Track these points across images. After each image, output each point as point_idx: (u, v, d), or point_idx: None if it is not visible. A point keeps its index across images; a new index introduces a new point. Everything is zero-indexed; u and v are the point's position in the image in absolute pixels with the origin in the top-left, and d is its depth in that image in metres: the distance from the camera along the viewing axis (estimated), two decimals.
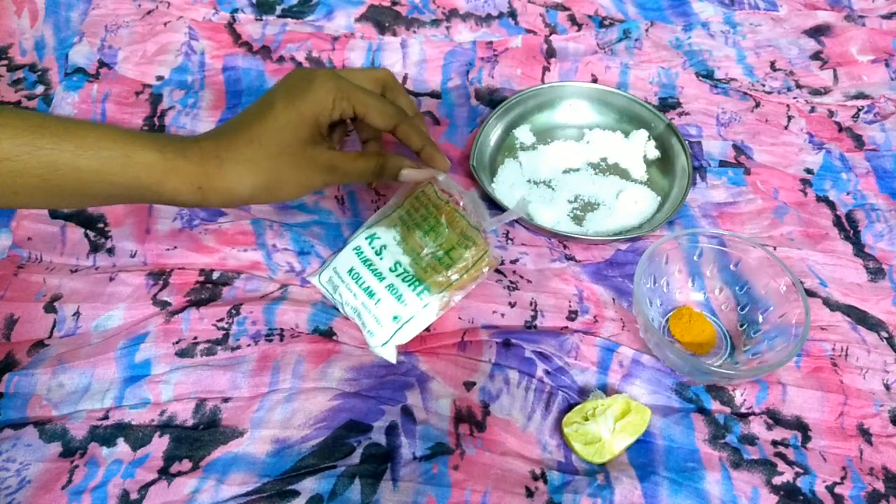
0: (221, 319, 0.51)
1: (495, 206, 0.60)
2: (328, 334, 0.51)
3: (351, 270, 0.52)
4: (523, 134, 0.67)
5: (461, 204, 0.53)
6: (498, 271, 0.56)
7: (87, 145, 0.42)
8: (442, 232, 0.52)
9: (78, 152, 0.42)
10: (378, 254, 0.52)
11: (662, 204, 0.62)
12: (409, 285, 0.50)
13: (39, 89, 0.66)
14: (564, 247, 0.58)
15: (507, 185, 0.63)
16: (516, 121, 0.68)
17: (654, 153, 0.66)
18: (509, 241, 0.57)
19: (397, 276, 0.51)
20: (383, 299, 0.50)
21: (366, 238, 0.53)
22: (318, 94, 0.46)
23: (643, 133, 0.67)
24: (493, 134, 0.66)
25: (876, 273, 0.57)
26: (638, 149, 0.66)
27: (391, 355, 0.50)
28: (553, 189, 0.63)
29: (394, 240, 0.53)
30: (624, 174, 0.65)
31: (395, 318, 0.50)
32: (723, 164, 0.65)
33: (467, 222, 0.52)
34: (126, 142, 0.43)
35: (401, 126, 0.51)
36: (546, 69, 0.72)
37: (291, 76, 0.48)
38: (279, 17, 0.75)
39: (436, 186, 0.54)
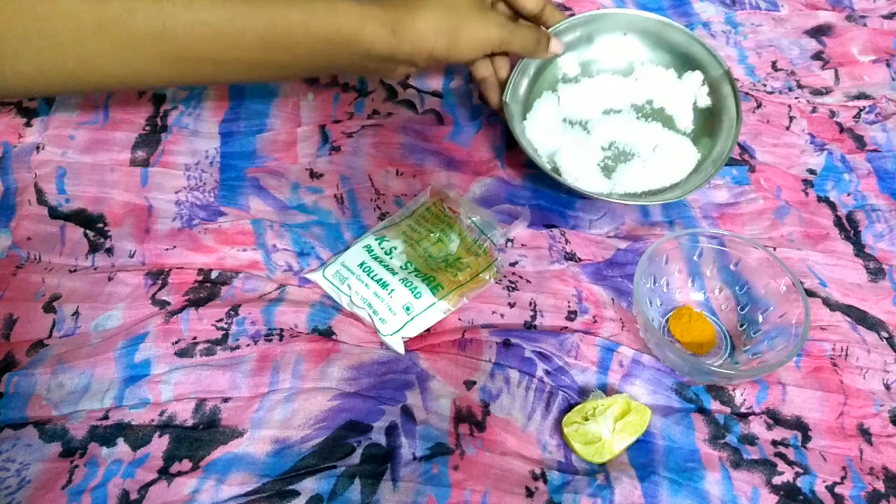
0: (220, 319, 0.51)
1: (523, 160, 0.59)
2: (327, 334, 0.51)
3: (362, 264, 0.53)
4: (567, 64, 0.63)
5: (467, 223, 0.55)
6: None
7: (296, 2, 0.48)
8: (447, 245, 0.54)
9: (289, 5, 0.48)
10: (388, 254, 0.53)
11: (701, 163, 0.58)
12: (422, 280, 0.52)
13: None
14: (566, 241, 0.58)
15: (540, 125, 0.60)
16: (563, 49, 0.61)
17: (704, 101, 0.62)
18: (509, 243, 0.57)
19: (409, 272, 0.53)
20: (397, 290, 0.51)
21: (375, 239, 0.54)
22: None
23: (697, 76, 0.62)
24: (533, 63, 0.61)
25: (876, 273, 0.57)
26: (689, 93, 0.62)
27: (399, 345, 0.50)
28: (588, 132, 0.61)
29: (403, 243, 0.54)
30: (668, 121, 0.62)
31: (407, 309, 0.50)
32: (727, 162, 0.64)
33: (473, 240, 0.55)
34: None
35: (547, 6, 0.59)
36: None
37: None
38: None
39: (444, 204, 0.56)
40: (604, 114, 0.62)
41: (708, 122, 0.61)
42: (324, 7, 0.49)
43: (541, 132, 0.59)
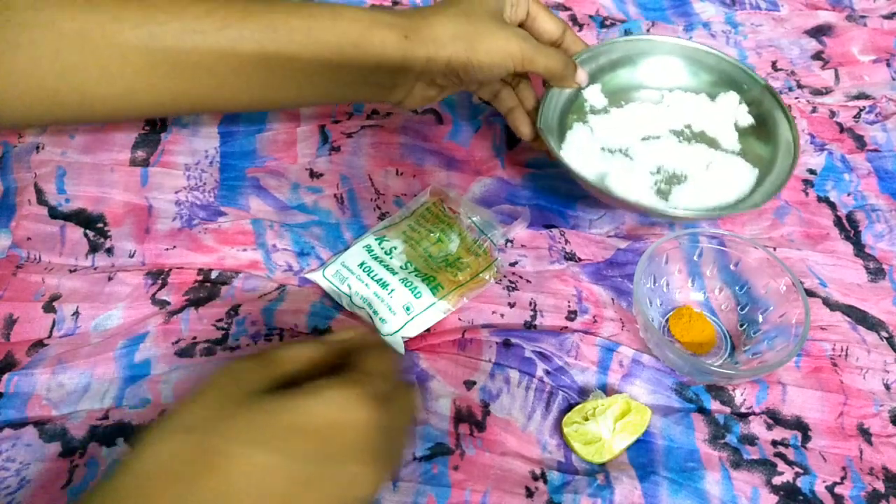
0: (220, 319, 0.51)
1: (567, 179, 0.55)
2: (327, 333, 0.51)
3: (362, 264, 0.53)
4: (593, 95, 0.60)
5: (467, 223, 0.55)
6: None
7: (298, 9, 0.45)
8: (447, 245, 0.54)
9: (291, 11, 0.44)
10: (388, 254, 0.53)
11: (763, 176, 0.55)
12: (422, 280, 0.52)
13: None
14: (566, 241, 0.58)
15: (578, 151, 0.57)
16: (588, 80, 0.59)
17: (746, 120, 0.59)
18: (509, 243, 0.57)
19: (409, 272, 0.52)
20: (397, 290, 0.51)
21: (376, 239, 0.54)
22: None
23: (733, 96, 0.59)
24: (562, 93, 0.58)
25: (876, 273, 0.57)
26: (727, 114, 0.59)
27: (399, 345, 0.50)
28: (631, 158, 0.57)
29: (403, 243, 0.54)
30: (712, 143, 0.59)
31: (407, 308, 0.50)
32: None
33: (473, 240, 0.55)
34: (333, 5, 0.47)
35: (568, 32, 0.56)
36: None
37: None
38: None
39: (444, 204, 0.56)
40: (643, 140, 0.58)
41: (757, 137, 0.59)
42: (328, 12, 0.46)
43: (581, 159, 0.55)
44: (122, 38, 0.41)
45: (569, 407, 0.48)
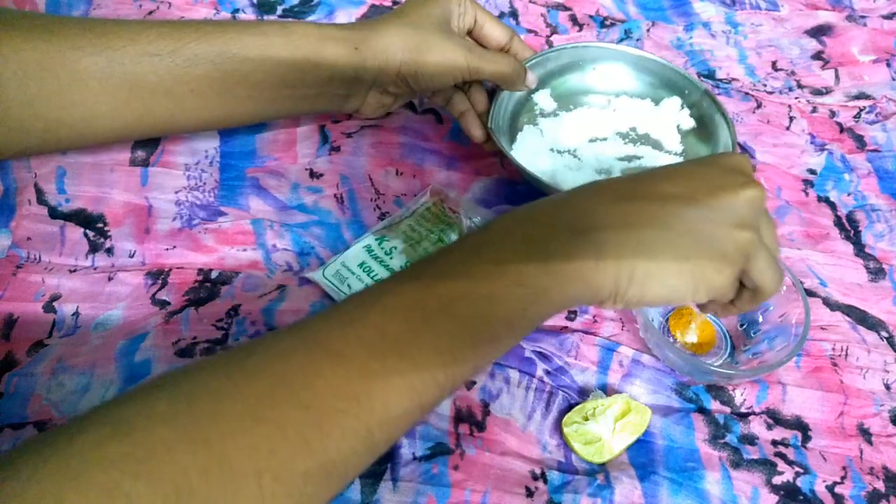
0: (220, 319, 0.51)
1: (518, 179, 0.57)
2: None
3: (362, 264, 0.53)
4: (543, 99, 0.63)
5: (467, 223, 0.55)
6: None
7: (249, 28, 0.46)
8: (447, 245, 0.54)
9: (243, 30, 0.45)
10: (388, 254, 0.53)
11: None
12: None
13: None
14: None
15: (529, 152, 0.59)
16: (537, 84, 0.61)
17: (688, 123, 0.62)
18: None
19: None
20: None
21: (375, 239, 0.54)
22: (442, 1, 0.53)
23: (676, 101, 0.62)
24: (512, 97, 0.61)
25: (876, 273, 0.57)
26: (670, 118, 0.62)
27: None
28: (579, 159, 0.60)
29: (403, 243, 0.54)
30: (656, 145, 0.62)
31: None
32: None
33: None
34: (283, 23, 0.48)
35: (515, 39, 0.57)
36: None
37: None
38: (280, 17, 0.75)
39: (444, 204, 0.56)
40: (590, 142, 0.62)
41: (700, 139, 0.61)
42: (279, 30, 0.47)
43: (531, 158, 0.59)
44: (82, 66, 0.42)
45: (569, 407, 0.48)
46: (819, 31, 0.77)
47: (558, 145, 0.61)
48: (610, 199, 0.36)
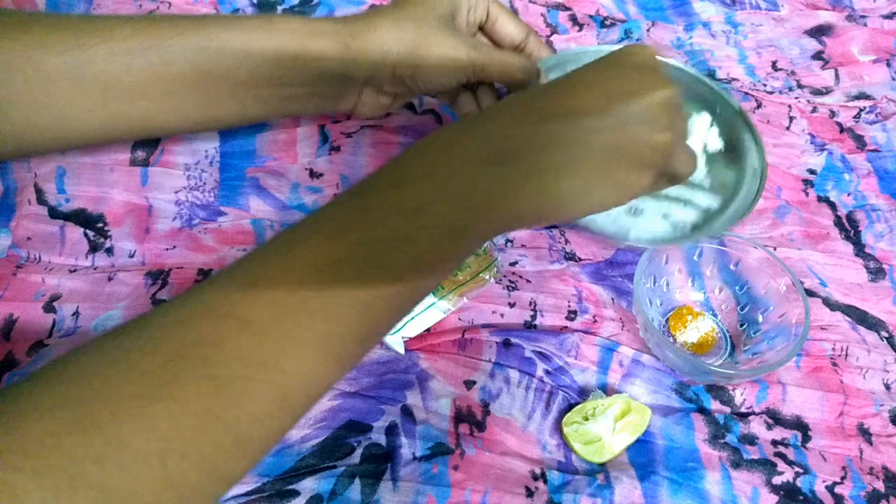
0: None
1: None
2: None
3: None
4: None
5: None
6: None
7: (230, 22, 0.43)
8: None
9: (223, 25, 0.42)
10: None
11: (726, 203, 0.49)
12: None
13: None
14: (566, 241, 0.58)
15: None
16: None
17: (716, 144, 0.53)
18: (509, 243, 0.57)
19: None
20: None
21: None
22: None
23: (705, 117, 0.53)
24: None
25: (876, 273, 0.57)
26: (697, 137, 0.54)
27: (399, 345, 0.50)
28: None
29: None
30: None
31: None
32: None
33: None
34: (267, 17, 0.44)
35: (531, 37, 0.52)
36: None
37: None
38: None
39: None
40: None
41: (724, 163, 0.53)
42: (262, 25, 0.43)
43: None
44: (50, 66, 0.40)
45: (569, 407, 0.48)
46: (819, 31, 0.77)
47: None
48: (522, 121, 0.34)
